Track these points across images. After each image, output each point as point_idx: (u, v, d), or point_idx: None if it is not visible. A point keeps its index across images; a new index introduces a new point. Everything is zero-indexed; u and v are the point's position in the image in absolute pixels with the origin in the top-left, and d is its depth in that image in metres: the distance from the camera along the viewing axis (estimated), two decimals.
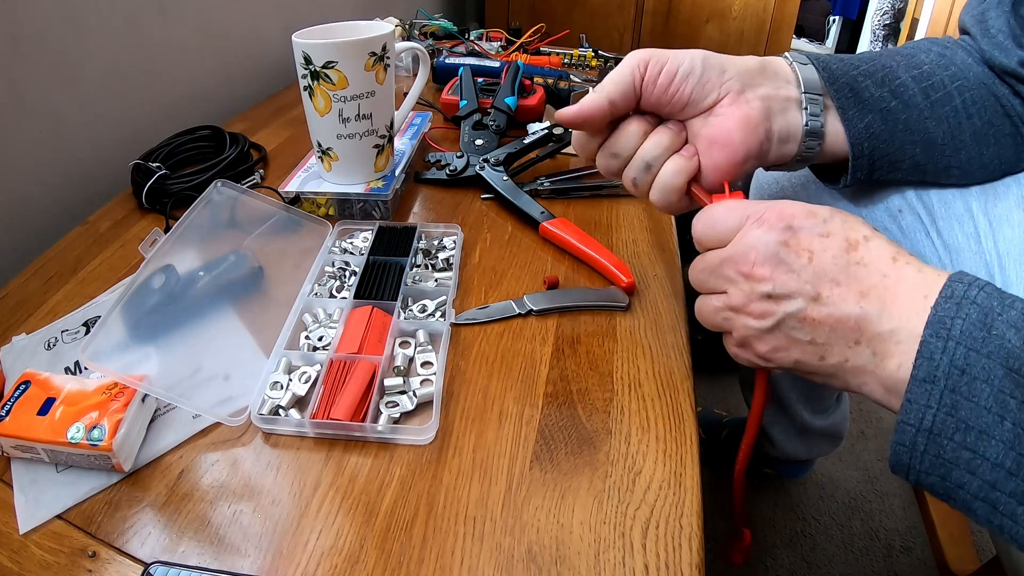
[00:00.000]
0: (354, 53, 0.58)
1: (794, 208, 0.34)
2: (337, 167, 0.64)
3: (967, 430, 0.27)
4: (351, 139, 0.63)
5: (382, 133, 0.65)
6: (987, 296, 0.29)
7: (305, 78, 0.59)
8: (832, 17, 3.69)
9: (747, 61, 0.41)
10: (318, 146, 0.64)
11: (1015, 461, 0.26)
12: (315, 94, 0.60)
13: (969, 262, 0.47)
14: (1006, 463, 0.26)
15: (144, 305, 0.44)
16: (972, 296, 0.29)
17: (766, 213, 0.34)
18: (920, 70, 0.44)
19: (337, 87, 0.59)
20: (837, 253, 0.32)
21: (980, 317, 0.28)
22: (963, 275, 0.30)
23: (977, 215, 0.48)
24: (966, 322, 0.28)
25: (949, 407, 0.28)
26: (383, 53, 0.60)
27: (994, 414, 0.27)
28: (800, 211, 0.34)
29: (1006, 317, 0.28)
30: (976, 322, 0.28)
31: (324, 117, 0.61)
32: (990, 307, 0.28)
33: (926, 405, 0.28)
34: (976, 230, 0.48)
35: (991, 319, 0.28)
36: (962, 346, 0.28)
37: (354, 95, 0.60)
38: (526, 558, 0.35)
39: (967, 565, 0.88)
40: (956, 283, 0.30)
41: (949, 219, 0.49)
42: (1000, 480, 0.27)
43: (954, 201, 0.49)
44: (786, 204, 0.34)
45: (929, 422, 0.28)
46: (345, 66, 0.58)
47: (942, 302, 0.29)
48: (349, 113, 0.61)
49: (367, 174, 0.66)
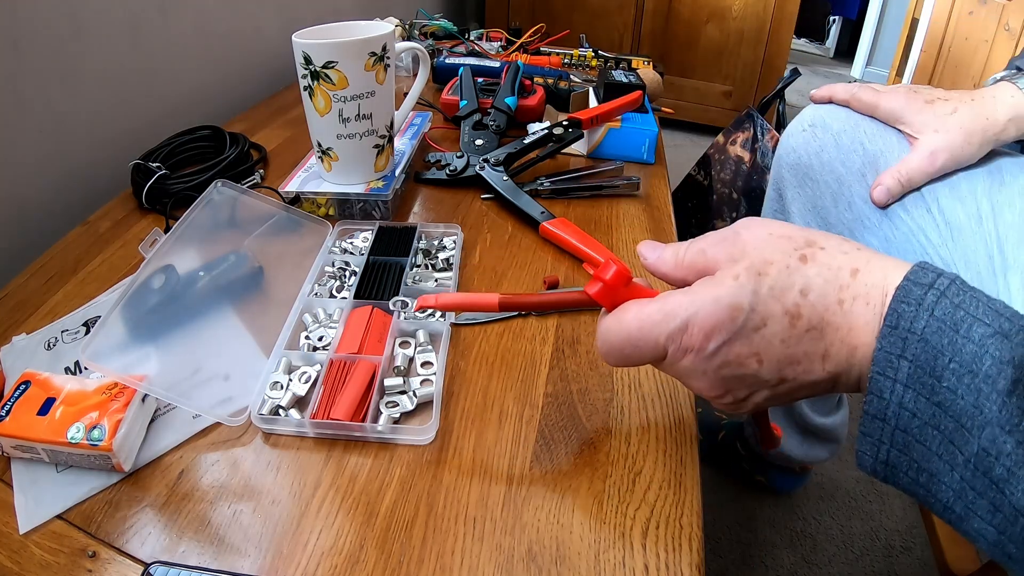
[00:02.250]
0: (354, 53, 0.58)
1: (711, 316, 0.29)
2: (337, 167, 0.64)
3: (919, 470, 0.27)
4: (351, 139, 0.63)
5: (382, 133, 0.65)
6: (938, 327, 0.26)
7: (305, 78, 0.59)
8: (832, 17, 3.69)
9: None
10: (318, 146, 0.64)
11: (964, 510, 0.26)
12: (315, 94, 0.60)
13: (969, 241, 0.48)
14: (956, 509, 0.26)
15: (144, 305, 0.44)
16: (919, 329, 0.26)
17: (685, 337, 0.30)
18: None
19: (337, 87, 0.59)
20: (784, 335, 0.29)
21: (928, 360, 0.25)
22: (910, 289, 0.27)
23: (980, 198, 0.49)
24: (913, 365, 0.26)
25: (901, 445, 0.27)
26: (383, 53, 0.60)
27: (944, 462, 0.26)
28: (721, 316, 0.29)
29: (958, 362, 0.25)
30: (924, 365, 0.26)
31: (324, 117, 0.61)
32: (940, 347, 0.25)
33: (879, 440, 0.27)
34: (978, 211, 0.49)
35: (940, 365, 0.25)
36: (911, 390, 0.26)
37: (354, 95, 0.60)
38: (526, 558, 0.35)
39: (967, 565, 0.88)
40: (902, 304, 0.26)
41: (952, 199, 0.50)
42: (953, 520, 0.27)
43: (959, 183, 0.50)
44: (703, 315, 0.29)
45: (884, 456, 0.27)
46: (345, 66, 0.58)
47: (887, 333, 0.26)
48: (349, 113, 0.61)
49: (367, 174, 0.66)
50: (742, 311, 0.29)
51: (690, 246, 0.33)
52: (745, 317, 0.29)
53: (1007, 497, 0.24)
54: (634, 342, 0.32)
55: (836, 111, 0.60)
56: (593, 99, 0.90)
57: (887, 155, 0.56)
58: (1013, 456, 0.24)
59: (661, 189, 0.74)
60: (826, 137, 0.60)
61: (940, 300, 0.26)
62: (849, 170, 0.58)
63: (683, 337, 0.30)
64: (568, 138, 0.73)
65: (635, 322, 0.31)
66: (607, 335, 0.33)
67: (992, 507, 0.25)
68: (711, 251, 0.32)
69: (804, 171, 0.62)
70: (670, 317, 0.30)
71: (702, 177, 1.36)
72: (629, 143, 0.80)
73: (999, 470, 0.24)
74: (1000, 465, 0.24)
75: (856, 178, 0.58)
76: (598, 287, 0.34)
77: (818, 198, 0.60)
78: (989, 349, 0.25)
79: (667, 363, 0.32)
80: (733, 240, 0.31)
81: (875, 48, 3.28)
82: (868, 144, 0.57)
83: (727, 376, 0.30)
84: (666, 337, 0.30)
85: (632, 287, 0.34)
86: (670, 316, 0.30)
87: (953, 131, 0.51)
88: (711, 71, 2.19)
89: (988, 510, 0.25)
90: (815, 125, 0.61)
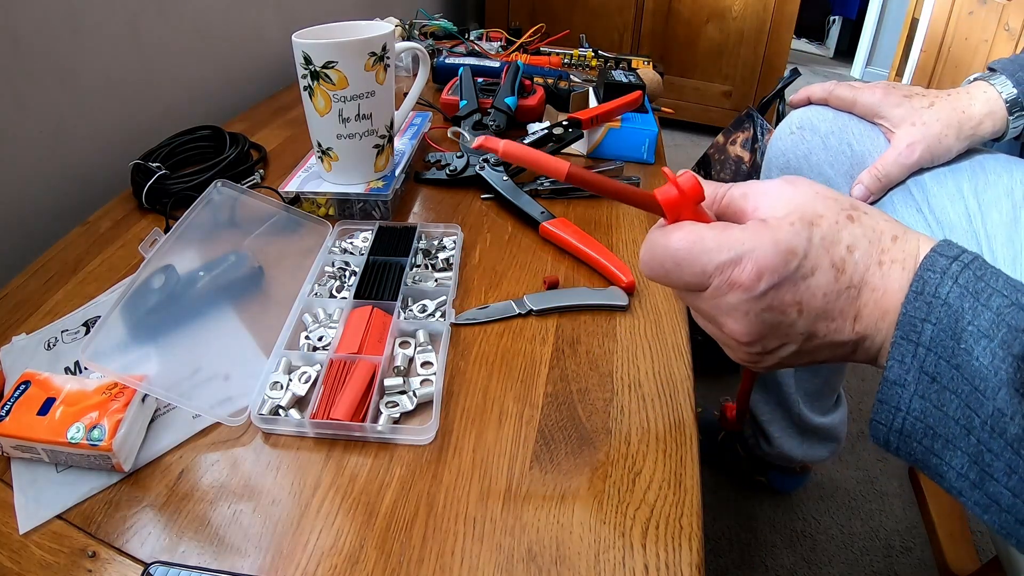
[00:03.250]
0: (354, 53, 0.58)
1: (768, 257, 0.29)
2: (337, 167, 0.64)
3: (935, 437, 0.27)
4: (351, 139, 0.62)
5: (382, 133, 0.64)
6: (960, 293, 0.27)
7: (305, 78, 0.59)
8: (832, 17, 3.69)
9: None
10: (318, 146, 0.64)
11: (978, 475, 0.26)
12: (315, 94, 0.60)
13: (961, 239, 0.49)
14: (970, 475, 0.26)
15: (144, 305, 0.44)
16: (944, 294, 0.27)
17: (736, 271, 0.29)
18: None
19: (337, 87, 0.59)
20: (827, 288, 0.29)
21: (950, 323, 0.26)
22: (936, 259, 0.28)
23: (968, 196, 0.51)
24: (936, 328, 0.27)
25: (919, 412, 0.27)
26: (383, 53, 0.60)
27: (961, 426, 0.26)
28: (777, 259, 0.29)
29: (976, 325, 0.26)
30: (946, 328, 0.26)
31: (324, 117, 0.61)
32: (961, 310, 0.26)
33: (896, 407, 0.28)
34: (967, 209, 0.50)
35: (960, 327, 0.26)
36: (932, 353, 0.27)
37: (354, 95, 0.60)
38: (526, 558, 0.35)
39: (967, 565, 0.88)
40: (928, 272, 0.28)
41: (941, 197, 0.52)
42: (965, 489, 0.27)
43: (946, 180, 0.52)
44: (760, 253, 0.29)
45: (899, 424, 0.28)
46: (345, 66, 0.58)
47: (912, 299, 0.28)
48: (349, 113, 0.61)
49: (367, 174, 0.65)
50: (796, 256, 0.29)
51: (732, 188, 0.33)
52: (799, 263, 0.29)
53: (1022, 458, 0.25)
54: (679, 260, 0.31)
55: (824, 112, 0.60)
56: (593, 99, 0.90)
57: (874, 156, 0.56)
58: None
59: None
60: (814, 139, 0.60)
61: (964, 271, 0.27)
62: (837, 171, 0.58)
63: (734, 271, 0.29)
64: (568, 138, 0.73)
65: (686, 242, 0.31)
66: (654, 246, 0.32)
67: (1008, 468, 0.25)
68: (753, 196, 0.32)
69: (794, 174, 0.62)
70: (725, 248, 0.30)
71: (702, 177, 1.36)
72: (629, 143, 0.80)
73: (1014, 429, 0.25)
74: (1016, 424, 0.25)
75: (844, 179, 0.58)
76: (672, 194, 0.32)
77: None
78: (1006, 318, 0.26)
79: (707, 295, 0.31)
80: (778, 190, 0.32)
81: (875, 48, 3.28)
82: (856, 145, 0.58)
83: (766, 320, 0.30)
84: (715, 267, 0.30)
85: (699, 210, 0.33)
86: (725, 247, 0.30)
87: (930, 123, 0.52)
88: (711, 71, 2.19)
89: (1004, 472, 0.25)
90: (803, 127, 0.61)
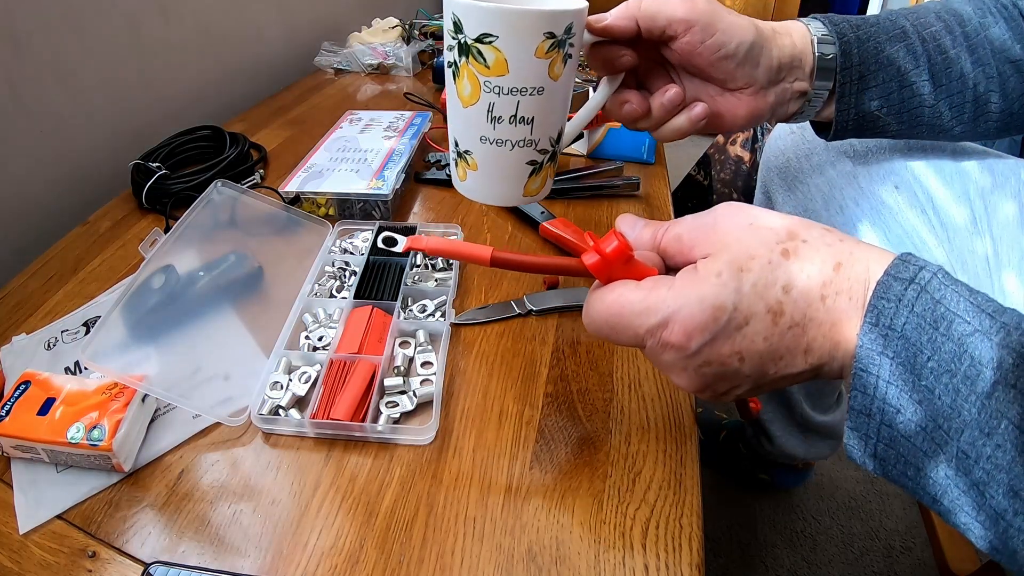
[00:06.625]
0: (524, 29, 0.39)
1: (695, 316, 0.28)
2: (474, 177, 0.45)
3: (906, 464, 0.27)
4: (499, 147, 0.43)
5: (543, 147, 0.44)
6: (917, 324, 0.25)
7: (452, 51, 0.41)
8: None
9: (782, 52, 0.42)
10: (454, 144, 0.45)
11: (951, 503, 0.26)
12: (460, 75, 0.41)
13: (967, 242, 0.49)
14: (943, 502, 0.26)
15: (144, 305, 0.44)
16: (899, 326, 0.26)
17: (665, 333, 0.29)
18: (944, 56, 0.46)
19: (492, 72, 0.40)
20: (766, 332, 0.28)
21: (909, 357, 0.25)
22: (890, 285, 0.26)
23: (974, 199, 0.50)
24: (894, 362, 0.26)
25: (888, 440, 0.27)
26: (566, 37, 0.40)
27: (929, 458, 0.26)
28: (704, 317, 0.28)
29: (937, 360, 0.25)
30: (905, 362, 0.25)
31: (468, 109, 0.42)
32: (919, 345, 0.25)
33: (866, 435, 0.27)
34: (972, 212, 0.50)
35: (920, 363, 0.25)
36: (893, 386, 0.26)
37: (513, 87, 0.41)
38: (526, 558, 0.35)
39: (967, 565, 0.88)
40: (882, 300, 0.26)
41: (947, 200, 0.51)
42: (943, 513, 0.27)
43: (952, 182, 0.51)
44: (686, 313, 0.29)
45: (872, 450, 0.28)
46: (507, 44, 0.39)
47: (867, 330, 0.26)
48: (503, 111, 0.42)
49: (513, 196, 0.46)
50: (724, 311, 0.28)
51: (668, 230, 0.33)
52: (728, 316, 0.28)
53: (987, 500, 0.24)
54: (613, 325, 0.31)
55: None
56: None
57: (877, 156, 0.55)
58: (992, 459, 0.24)
59: (661, 189, 0.74)
60: (815, 140, 0.59)
61: (920, 296, 0.26)
62: (840, 172, 0.57)
63: (663, 333, 0.29)
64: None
65: (616, 306, 0.31)
66: (590, 309, 0.32)
67: (976, 506, 0.25)
68: (688, 237, 0.32)
69: (793, 175, 0.61)
70: (651, 312, 0.30)
71: (702, 177, 1.36)
72: (629, 143, 0.80)
73: (979, 473, 0.24)
74: (980, 468, 0.24)
75: (847, 180, 0.57)
76: (595, 259, 0.32)
77: (809, 201, 0.60)
78: (968, 348, 0.24)
79: (647, 353, 0.32)
80: (712, 228, 0.31)
81: None
82: (858, 144, 0.57)
83: (708, 373, 0.30)
84: (645, 330, 0.30)
85: (631, 265, 0.32)
86: (651, 311, 0.30)
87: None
88: None
89: (972, 507, 0.25)
90: (804, 127, 0.60)
